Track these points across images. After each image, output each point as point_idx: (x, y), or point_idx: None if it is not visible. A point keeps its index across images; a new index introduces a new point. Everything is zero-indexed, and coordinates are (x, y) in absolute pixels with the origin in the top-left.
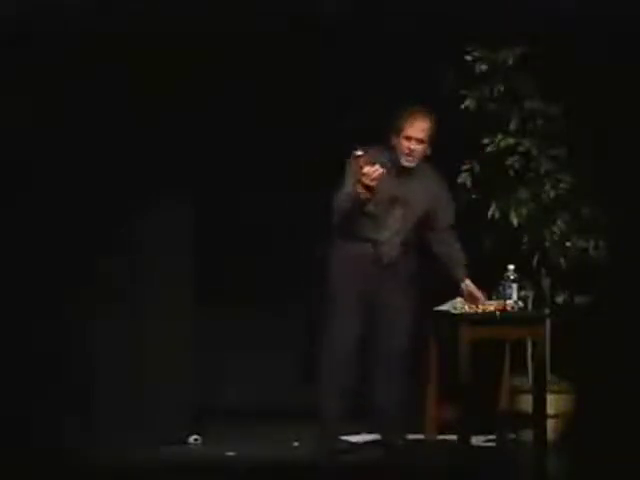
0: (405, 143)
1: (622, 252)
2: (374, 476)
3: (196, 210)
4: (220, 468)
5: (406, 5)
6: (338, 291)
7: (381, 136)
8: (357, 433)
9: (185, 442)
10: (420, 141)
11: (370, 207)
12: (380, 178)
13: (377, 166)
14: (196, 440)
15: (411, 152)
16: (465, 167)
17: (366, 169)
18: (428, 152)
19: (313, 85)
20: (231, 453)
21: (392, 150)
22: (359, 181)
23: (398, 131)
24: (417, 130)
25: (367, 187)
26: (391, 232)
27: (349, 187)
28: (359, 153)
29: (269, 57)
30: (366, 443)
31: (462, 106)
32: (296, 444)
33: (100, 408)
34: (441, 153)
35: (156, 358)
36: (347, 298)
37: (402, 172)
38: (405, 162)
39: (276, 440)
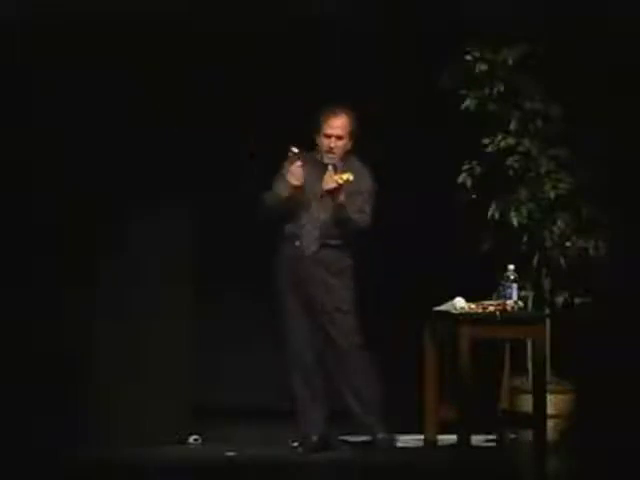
0: (325, 141)
1: (622, 252)
2: (373, 476)
3: (195, 210)
4: (220, 468)
5: (406, 5)
6: (280, 293)
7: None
8: (357, 433)
9: (185, 442)
10: (339, 137)
11: (295, 204)
12: (299, 176)
13: (298, 163)
14: (196, 440)
15: (331, 149)
16: (465, 167)
17: (290, 167)
18: (349, 147)
19: (312, 85)
20: (231, 453)
21: (316, 149)
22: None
23: (319, 130)
24: (334, 127)
25: (292, 186)
26: (310, 226)
27: (277, 186)
28: (295, 151)
29: (268, 57)
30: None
31: (462, 106)
32: (296, 444)
33: (100, 408)
34: (441, 153)
35: (156, 358)
36: (289, 299)
37: (324, 169)
38: (327, 159)
39: (276, 440)
